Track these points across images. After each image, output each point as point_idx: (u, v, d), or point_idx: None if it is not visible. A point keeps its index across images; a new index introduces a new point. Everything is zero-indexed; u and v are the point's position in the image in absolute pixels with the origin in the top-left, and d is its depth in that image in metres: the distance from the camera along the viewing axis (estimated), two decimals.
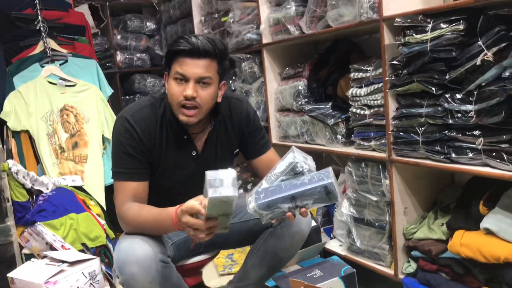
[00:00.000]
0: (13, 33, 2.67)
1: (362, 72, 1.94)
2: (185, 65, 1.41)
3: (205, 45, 1.40)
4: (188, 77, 1.41)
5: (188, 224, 1.26)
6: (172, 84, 1.44)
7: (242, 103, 1.64)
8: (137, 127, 1.48)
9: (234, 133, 1.62)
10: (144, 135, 1.49)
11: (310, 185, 1.23)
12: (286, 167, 1.30)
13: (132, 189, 1.47)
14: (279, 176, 1.30)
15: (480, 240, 1.52)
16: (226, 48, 1.48)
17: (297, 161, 1.29)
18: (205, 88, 1.44)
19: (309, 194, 1.24)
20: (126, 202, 1.46)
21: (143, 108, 1.52)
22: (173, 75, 1.43)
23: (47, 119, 2.53)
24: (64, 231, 1.95)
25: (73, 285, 1.57)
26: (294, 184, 1.26)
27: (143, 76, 3.83)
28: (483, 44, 1.42)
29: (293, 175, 1.30)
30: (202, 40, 1.40)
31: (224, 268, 2.36)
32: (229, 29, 2.70)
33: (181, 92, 1.42)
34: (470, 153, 1.52)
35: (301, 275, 1.92)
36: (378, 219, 1.94)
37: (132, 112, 1.50)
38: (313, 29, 2.13)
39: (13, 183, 2.08)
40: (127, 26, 3.78)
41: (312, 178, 1.25)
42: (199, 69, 1.41)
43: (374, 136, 1.92)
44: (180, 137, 1.54)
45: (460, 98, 1.51)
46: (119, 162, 1.49)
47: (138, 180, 1.49)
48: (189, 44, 1.39)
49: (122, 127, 1.49)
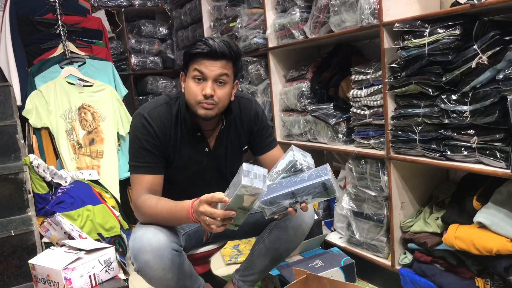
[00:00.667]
0: (35, 37, 2.69)
1: (362, 75, 1.93)
2: (203, 65, 1.42)
3: (222, 48, 1.41)
4: (207, 77, 1.42)
5: (205, 213, 1.25)
6: (191, 83, 1.45)
7: (251, 103, 1.65)
8: (154, 124, 1.48)
9: (243, 131, 1.63)
10: (160, 131, 1.49)
11: (309, 181, 1.24)
12: (286, 165, 1.30)
13: (148, 182, 1.48)
14: (280, 174, 1.30)
15: (473, 233, 1.51)
16: (240, 50, 1.49)
17: (296, 159, 1.30)
18: (221, 87, 1.45)
19: (308, 190, 1.24)
20: (142, 194, 1.46)
21: (159, 106, 1.53)
22: (192, 75, 1.44)
23: (66, 117, 2.54)
24: (81, 221, 1.96)
25: (89, 271, 1.57)
26: (294, 181, 1.27)
27: (155, 78, 3.83)
28: (478, 48, 1.41)
29: (293, 172, 1.30)
30: (219, 42, 1.41)
31: (230, 258, 2.36)
32: (237, 33, 2.70)
33: (200, 90, 1.43)
34: (465, 151, 1.51)
35: (303, 264, 1.91)
36: (376, 213, 1.94)
37: (148, 110, 1.51)
38: (317, 34, 2.13)
39: (34, 176, 2.09)
40: (141, 31, 3.78)
41: (311, 175, 1.25)
42: (216, 69, 1.42)
43: (374, 135, 1.92)
44: (193, 134, 1.54)
45: (455, 99, 1.50)
46: (136, 156, 1.49)
47: (154, 174, 1.49)
48: (208, 47, 1.40)
49: (139, 123, 1.49)
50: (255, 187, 1.15)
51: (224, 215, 1.23)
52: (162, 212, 1.42)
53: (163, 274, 1.41)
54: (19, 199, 2.11)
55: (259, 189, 1.16)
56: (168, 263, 1.40)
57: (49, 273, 1.56)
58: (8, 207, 2.10)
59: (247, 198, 1.18)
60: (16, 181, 2.10)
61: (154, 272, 1.40)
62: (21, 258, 1.91)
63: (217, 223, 1.24)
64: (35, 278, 1.64)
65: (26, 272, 1.90)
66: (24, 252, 1.92)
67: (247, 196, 1.17)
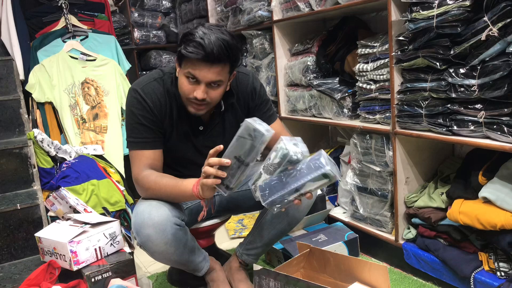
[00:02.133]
0: (36, 10, 2.65)
1: (369, 48, 1.90)
2: (197, 69, 1.34)
3: (219, 51, 1.31)
4: (200, 81, 1.36)
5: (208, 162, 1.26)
6: (184, 80, 1.39)
7: (248, 77, 1.60)
8: (148, 99, 1.46)
9: (240, 107, 1.60)
10: (155, 107, 1.47)
11: (309, 175, 1.22)
12: (280, 159, 1.26)
13: (148, 157, 1.47)
14: (277, 168, 1.27)
15: (478, 208, 1.51)
16: (239, 48, 1.40)
17: (289, 151, 1.25)
18: (215, 89, 1.40)
19: (310, 182, 1.23)
20: (143, 169, 1.46)
21: (152, 81, 1.50)
22: (185, 73, 1.37)
23: (69, 92, 2.53)
24: (86, 195, 1.97)
25: (95, 244, 1.58)
26: (293, 175, 1.25)
27: (158, 53, 3.79)
28: (489, 20, 1.37)
29: (289, 164, 1.27)
30: (216, 44, 1.30)
31: (235, 232, 2.38)
32: (241, 6, 2.65)
33: (192, 90, 1.38)
34: (472, 126, 1.49)
35: (307, 239, 1.93)
36: (380, 188, 1.93)
37: (142, 85, 1.48)
38: (322, 6, 2.08)
39: (39, 150, 2.09)
40: (144, 4, 3.73)
41: (309, 167, 1.23)
42: (211, 75, 1.35)
43: (379, 110, 1.90)
44: (187, 111, 1.51)
45: (463, 72, 1.47)
46: (133, 132, 1.48)
47: (153, 148, 1.48)
48: (203, 51, 1.30)
49: (134, 99, 1.47)
50: (257, 129, 1.17)
51: (219, 161, 1.23)
52: (166, 187, 1.42)
53: (165, 248, 1.42)
54: (24, 173, 2.12)
55: (260, 132, 1.17)
56: (170, 237, 1.41)
57: (55, 246, 1.58)
58: (13, 181, 2.11)
59: (246, 143, 1.19)
60: (20, 155, 2.11)
61: (156, 246, 1.41)
62: (28, 231, 1.93)
63: (212, 170, 1.24)
64: (41, 250, 1.66)
65: (33, 245, 1.92)
66: (30, 226, 1.94)
67: (247, 142, 1.19)
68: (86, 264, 1.56)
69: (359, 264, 1.44)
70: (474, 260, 1.59)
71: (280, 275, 1.38)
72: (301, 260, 1.58)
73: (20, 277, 1.74)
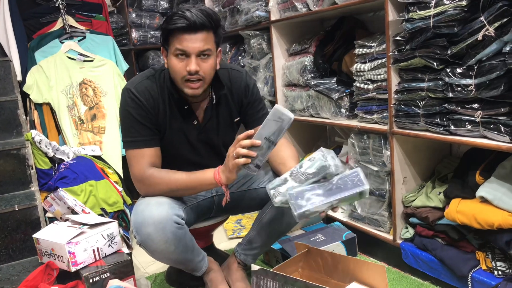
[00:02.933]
0: (34, 10, 2.65)
1: (366, 48, 1.90)
2: (184, 41, 1.36)
3: (201, 19, 1.35)
4: (189, 53, 1.38)
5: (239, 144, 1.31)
6: (174, 60, 1.41)
7: (242, 74, 1.62)
8: (142, 97, 1.47)
9: (234, 103, 1.61)
10: (149, 104, 1.48)
11: (346, 191, 1.23)
12: (317, 170, 1.26)
13: (149, 155, 1.47)
14: (309, 177, 1.28)
15: (475, 208, 1.51)
16: (219, 18, 1.44)
17: (327, 164, 1.26)
18: (206, 60, 1.41)
19: (346, 199, 1.24)
20: (147, 167, 1.46)
21: (144, 79, 1.51)
22: (174, 51, 1.39)
23: (67, 92, 2.53)
24: (84, 196, 1.97)
25: (93, 245, 1.59)
26: (329, 188, 1.25)
27: (156, 53, 3.78)
28: (485, 20, 1.38)
29: (323, 176, 1.28)
30: (197, 13, 1.35)
31: (233, 232, 2.38)
32: (239, 6, 2.65)
33: (184, 67, 1.39)
34: (469, 125, 1.50)
35: (305, 239, 1.93)
36: (378, 188, 1.94)
37: (135, 85, 1.49)
38: (320, 6, 2.08)
39: (36, 151, 2.09)
40: (142, 5, 3.72)
41: (346, 183, 1.24)
42: (198, 43, 1.37)
43: (377, 110, 1.90)
44: (181, 107, 1.52)
45: (460, 72, 1.48)
46: (130, 131, 1.48)
47: (152, 146, 1.49)
48: (186, 20, 1.34)
49: (128, 98, 1.48)
50: (286, 114, 1.25)
51: (251, 142, 1.28)
52: (182, 180, 1.45)
53: (165, 247, 1.42)
54: (22, 174, 2.12)
55: (290, 116, 1.26)
56: (170, 236, 1.41)
57: (53, 247, 1.58)
58: (11, 182, 2.11)
59: (276, 125, 1.27)
60: (18, 156, 2.11)
61: (156, 244, 1.41)
62: (26, 232, 1.93)
63: (244, 151, 1.29)
64: (39, 251, 1.66)
65: (31, 246, 1.92)
66: (28, 227, 1.94)
67: (276, 123, 1.26)
68: (84, 265, 1.56)
69: (357, 264, 1.44)
70: (471, 259, 1.59)
71: (278, 275, 1.38)
72: (299, 260, 1.58)
73: (18, 278, 1.74)
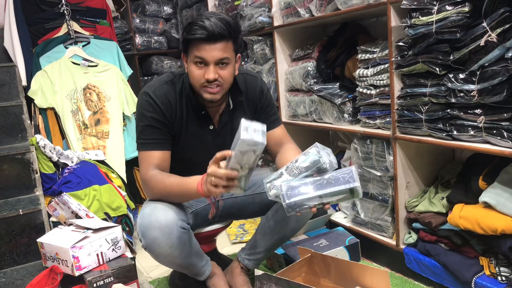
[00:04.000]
0: (38, 16, 2.66)
1: (369, 53, 1.91)
2: (203, 50, 1.39)
3: (220, 29, 1.37)
4: (208, 61, 1.40)
5: (213, 173, 1.26)
6: (193, 67, 1.43)
7: (257, 80, 1.65)
8: (159, 102, 1.49)
9: (248, 108, 1.63)
10: (166, 109, 1.50)
11: (337, 186, 1.22)
12: (310, 164, 1.27)
13: (156, 158, 1.49)
14: (303, 171, 1.28)
15: (478, 213, 1.51)
16: (239, 26, 1.46)
17: (321, 159, 1.26)
18: (224, 68, 1.43)
19: (335, 194, 1.23)
20: (150, 170, 1.48)
21: (163, 84, 1.53)
22: (193, 59, 1.42)
23: (71, 97, 2.54)
24: (88, 201, 1.98)
25: (97, 250, 1.59)
26: (320, 182, 1.25)
27: (160, 58, 3.81)
28: (488, 26, 1.38)
29: (316, 171, 1.28)
30: (216, 23, 1.37)
31: (236, 237, 2.38)
32: (242, 12, 2.66)
33: (202, 75, 1.42)
34: (471, 131, 1.50)
35: (308, 244, 1.93)
36: (381, 193, 1.94)
37: (153, 88, 1.51)
38: (323, 12, 2.09)
39: (41, 156, 2.10)
40: (145, 10, 3.75)
41: (338, 179, 1.24)
42: (217, 53, 1.39)
43: (379, 115, 1.90)
44: (198, 112, 1.54)
45: (463, 78, 1.48)
46: (143, 133, 1.50)
47: (162, 150, 1.50)
48: (205, 31, 1.36)
49: (145, 101, 1.50)
50: (255, 141, 1.16)
51: (226, 174, 1.24)
52: (172, 186, 1.43)
53: (170, 251, 1.43)
54: (27, 178, 2.13)
55: (259, 143, 1.17)
56: (175, 240, 1.42)
57: (57, 251, 1.59)
58: (16, 186, 2.12)
59: (248, 154, 1.20)
60: (23, 161, 2.12)
61: (162, 249, 1.42)
62: (30, 236, 1.94)
63: (222, 182, 1.25)
64: (43, 256, 1.67)
65: (35, 250, 1.93)
66: (32, 231, 1.95)
67: (249, 150, 1.19)
68: (88, 270, 1.57)
69: (360, 269, 1.44)
70: (475, 264, 1.59)
71: (282, 280, 1.38)
72: (302, 265, 1.58)
73: (23, 282, 1.74)
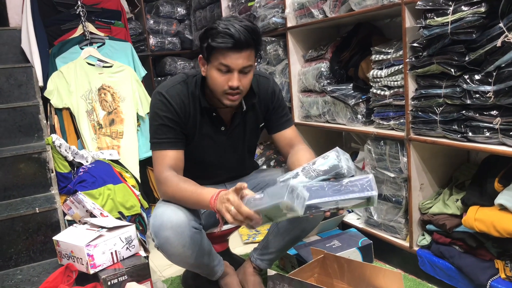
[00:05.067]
0: (55, 17, 2.71)
1: (383, 54, 1.90)
2: (229, 58, 1.38)
3: (246, 37, 1.36)
4: (233, 69, 1.40)
5: (233, 203, 1.22)
6: (215, 73, 1.43)
7: (269, 81, 1.66)
8: (172, 101, 1.50)
9: (260, 108, 1.63)
10: (179, 108, 1.51)
11: (354, 194, 1.20)
12: (329, 168, 1.24)
13: (171, 157, 1.50)
14: (320, 174, 1.26)
15: (494, 216, 1.49)
16: (260, 32, 1.46)
17: (340, 164, 1.24)
18: (247, 75, 1.44)
19: (352, 200, 1.21)
20: (165, 170, 1.48)
21: (176, 84, 1.54)
22: (217, 66, 1.41)
23: (86, 98, 2.57)
24: (102, 200, 2.00)
25: (111, 248, 1.61)
26: (337, 188, 1.22)
27: (173, 59, 3.84)
28: (504, 26, 1.37)
29: (334, 175, 1.26)
30: (242, 31, 1.35)
31: (248, 237, 2.38)
32: (255, 13, 2.67)
33: (226, 81, 1.42)
34: (487, 132, 1.48)
35: (321, 245, 1.93)
36: (395, 195, 1.93)
37: (167, 88, 1.53)
38: (336, 13, 2.09)
39: (56, 155, 2.13)
40: (159, 12, 3.78)
41: (355, 186, 1.21)
42: (242, 61, 1.39)
43: (393, 116, 1.89)
44: (209, 113, 1.55)
45: (478, 79, 1.47)
46: (157, 133, 1.51)
47: (176, 149, 1.51)
48: (232, 39, 1.35)
49: (158, 101, 1.51)
50: (295, 209, 1.11)
51: (249, 215, 1.19)
52: (186, 192, 1.42)
53: (182, 250, 1.44)
54: (43, 177, 2.17)
55: (296, 213, 1.12)
56: (188, 240, 1.43)
57: (72, 249, 1.61)
58: (32, 185, 2.16)
59: (279, 212, 1.15)
60: (39, 160, 2.15)
61: (174, 248, 1.43)
62: (46, 234, 1.97)
63: (240, 217, 1.21)
64: (59, 254, 1.69)
65: (51, 248, 1.96)
66: (48, 229, 1.98)
67: (280, 211, 1.14)
68: (102, 268, 1.58)
69: (373, 271, 1.43)
70: (490, 267, 1.57)
71: (294, 281, 1.38)
72: (315, 266, 1.58)
73: (39, 279, 1.77)
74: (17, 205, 2.02)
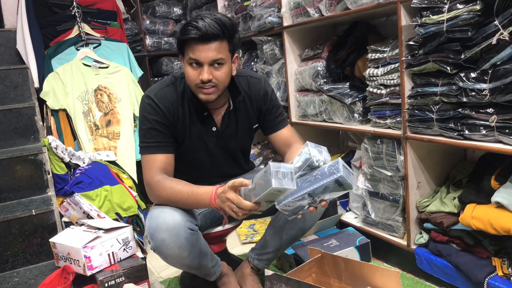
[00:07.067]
0: (50, 18, 2.70)
1: (379, 53, 1.90)
2: (197, 50, 1.39)
3: (214, 29, 1.36)
4: (202, 62, 1.40)
5: (232, 201, 1.25)
6: (188, 68, 1.44)
7: (261, 82, 1.64)
8: (161, 105, 1.49)
9: (253, 110, 1.63)
10: (168, 111, 1.50)
11: (322, 181, 1.21)
12: (302, 163, 1.26)
13: (161, 161, 1.49)
14: (297, 172, 1.27)
15: (490, 213, 1.49)
16: (234, 25, 1.44)
17: (312, 157, 1.26)
18: (219, 68, 1.43)
19: (323, 189, 1.21)
20: (156, 174, 1.47)
21: (164, 87, 1.54)
22: (187, 60, 1.42)
23: (82, 99, 2.57)
24: (99, 201, 2.00)
25: (108, 250, 1.60)
26: (308, 180, 1.24)
27: (170, 59, 3.83)
28: (499, 24, 1.37)
29: (309, 169, 1.27)
30: (210, 23, 1.36)
31: (246, 237, 2.38)
32: (251, 12, 2.67)
33: (197, 75, 1.42)
34: (483, 130, 1.48)
35: (318, 244, 1.93)
36: (392, 193, 1.93)
37: (155, 92, 1.52)
38: (332, 11, 2.09)
39: (53, 157, 2.12)
40: (155, 12, 3.77)
41: (324, 173, 1.22)
42: (211, 53, 1.39)
43: (390, 114, 1.89)
44: (200, 113, 1.54)
45: (474, 77, 1.47)
46: (146, 137, 1.50)
47: (165, 153, 1.50)
48: (198, 31, 1.36)
49: (147, 105, 1.51)
50: (286, 188, 1.15)
51: (251, 207, 1.23)
52: (182, 194, 1.42)
53: (178, 252, 1.43)
54: (39, 179, 2.16)
55: (290, 189, 1.16)
56: (183, 241, 1.42)
57: (69, 251, 1.60)
58: (28, 187, 2.15)
59: (276, 194, 1.19)
60: (35, 162, 2.15)
61: (170, 250, 1.43)
62: (42, 236, 1.96)
63: (244, 211, 1.24)
64: (56, 256, 1.69)
65: (48, 250, 1.95)
66: (45, 231, 1.97)
67: (277, 193, 1.18)
68: (99, 269, 1.58)
69: (371, 269, 1.44)
70: (487, 265, 1.57)
71: (292, 281, 1.38)
72: (312, 265, 1.58)
73: (35, 282, 1.76)
74: (13, 207, 2.01)
